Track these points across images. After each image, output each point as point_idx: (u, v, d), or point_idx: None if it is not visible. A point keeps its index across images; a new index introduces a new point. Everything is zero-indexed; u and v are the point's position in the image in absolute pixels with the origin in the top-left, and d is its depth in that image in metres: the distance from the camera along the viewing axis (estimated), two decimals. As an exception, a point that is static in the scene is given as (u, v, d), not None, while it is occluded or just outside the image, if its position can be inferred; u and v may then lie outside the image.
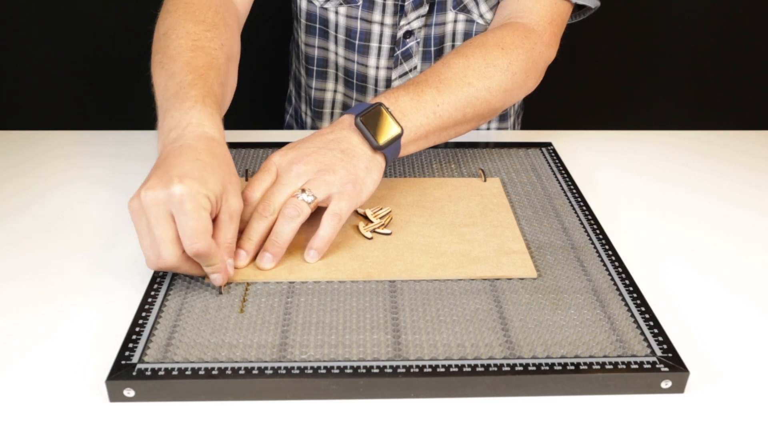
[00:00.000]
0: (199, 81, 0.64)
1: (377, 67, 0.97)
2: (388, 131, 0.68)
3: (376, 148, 0.67)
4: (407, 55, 0.95)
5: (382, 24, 0.93)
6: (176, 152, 0.58)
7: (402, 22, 0.93)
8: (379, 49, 0.95)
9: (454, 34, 0.95)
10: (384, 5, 0.92)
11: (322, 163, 0.65)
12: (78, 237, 0.72)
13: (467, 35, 0.95)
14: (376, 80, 0.98)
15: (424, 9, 0.92)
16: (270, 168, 0.66)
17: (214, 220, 0.58)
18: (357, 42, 0.95)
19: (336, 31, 0.96)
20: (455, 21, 0.94)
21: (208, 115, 0.61)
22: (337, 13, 0.94)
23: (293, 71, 1.11)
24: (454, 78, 0.74)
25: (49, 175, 0.85)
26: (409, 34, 0.94)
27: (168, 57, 0.67)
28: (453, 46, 0.95)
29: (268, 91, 0.87)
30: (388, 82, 0.98)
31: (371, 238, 0.68)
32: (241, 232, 0.63)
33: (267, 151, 0.87)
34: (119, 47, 1.37)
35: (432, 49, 0.95)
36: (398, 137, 0.68)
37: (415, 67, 0.97)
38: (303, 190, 0.64)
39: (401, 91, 0.72)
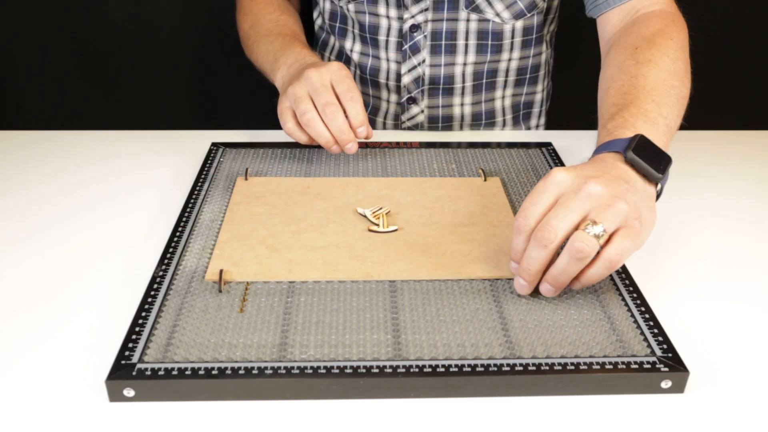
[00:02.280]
0: (294, 38, 0.90)
1: (388, 60, 0.99)
2: (660, 159, 0.62)
3: (657, 178, 0.61)
4: (415, 49, 0.97)
5: (388, 17, 0.96)
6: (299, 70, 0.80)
7: (405, 16, 0.95)
8: (387, 42, 0.98)
9: (467, 32, 0.96)
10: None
11: (613, 188, 0.57)
12: (78, 237, 0.72)
13: (482, 34, 0.96)
14: (388, 73, 1.00)
15: (425, 3, 0.93)
16: (549, 189, 0.58)
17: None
18: (368, 35, 0.99)
19: (353, 27, 1.00)
20: (468, 20, 0.95)
21: (311, 52, 0.86)
22: (348, 9, 0.98)
23: None
24: (658, 87, 0.70)
25: (49, 175, 0.85)
26: (415, 27, 0.95)
27: (262, 36, 0.93)
28: (466, 45, 0.97)
29: (273, 89, 0.88)
30: (398, 76, 0.99)
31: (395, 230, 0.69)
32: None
33: (267, 151, 0.87)
34: (120, 47, 1.37)
35: (443, 43, 0.96)
36: (669, 164, 0.62)
37: (424, 61, 0.97)
38: (591, 221, 0.55)
39: (629, 117, 0.66)
